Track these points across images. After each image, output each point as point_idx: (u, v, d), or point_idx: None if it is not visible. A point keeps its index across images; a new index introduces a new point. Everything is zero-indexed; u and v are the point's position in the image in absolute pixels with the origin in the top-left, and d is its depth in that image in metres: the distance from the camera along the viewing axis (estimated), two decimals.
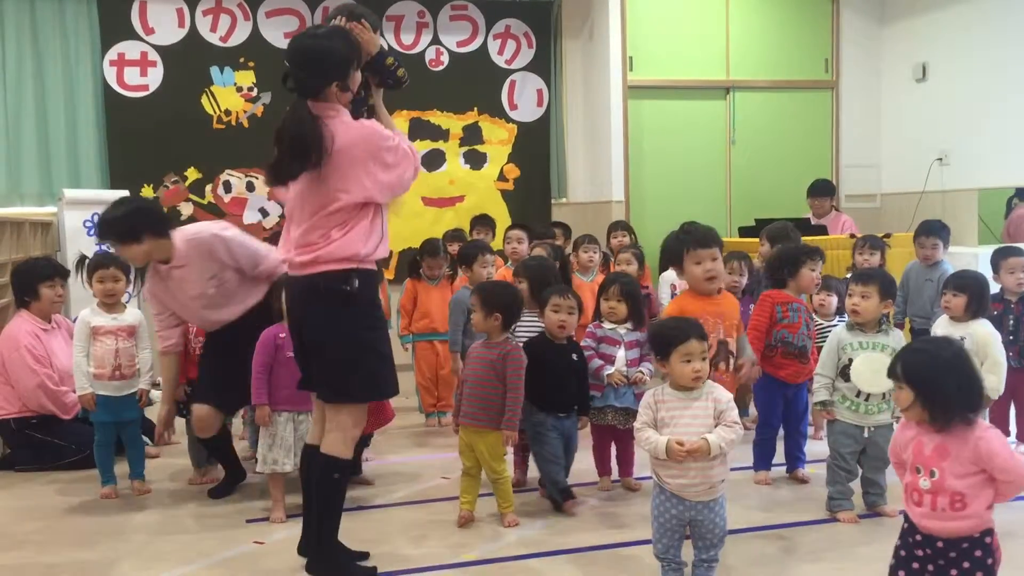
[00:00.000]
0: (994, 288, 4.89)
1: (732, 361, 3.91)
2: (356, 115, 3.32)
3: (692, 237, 3.89)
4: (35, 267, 5.10)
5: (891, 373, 2.52)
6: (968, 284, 4.32)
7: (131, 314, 4.53)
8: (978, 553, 2.44)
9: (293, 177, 3.15)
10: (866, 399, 3.89)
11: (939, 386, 2.42)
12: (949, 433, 2.42)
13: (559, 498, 4.05)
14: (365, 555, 3.52)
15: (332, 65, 3.15)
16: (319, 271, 3.16)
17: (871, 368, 3.84)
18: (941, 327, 4.46)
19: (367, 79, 3.44)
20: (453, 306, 5.31)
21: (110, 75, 7.11)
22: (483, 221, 6.72)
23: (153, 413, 4.99)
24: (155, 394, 4.82)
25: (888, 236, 6.20)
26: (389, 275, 7.07)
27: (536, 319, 4.27)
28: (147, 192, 7.18)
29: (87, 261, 4.60)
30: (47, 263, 5.21)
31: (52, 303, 5.05)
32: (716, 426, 2.97)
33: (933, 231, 5.66)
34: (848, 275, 4.83)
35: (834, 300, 4.99)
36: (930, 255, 5.61)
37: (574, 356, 4.11)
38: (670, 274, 5.82)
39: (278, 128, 3.17)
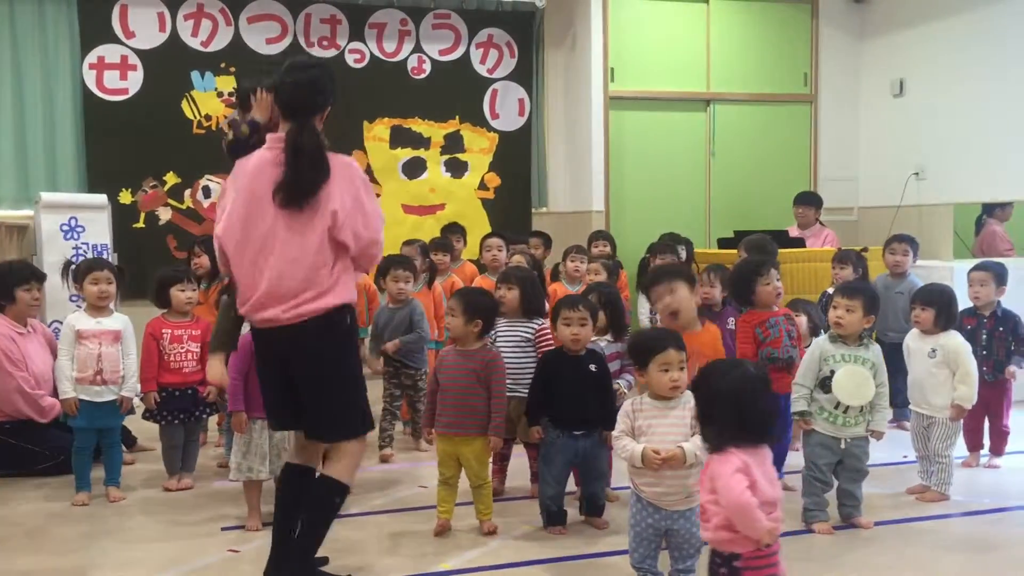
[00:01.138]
0: (968, 303, 4.97)
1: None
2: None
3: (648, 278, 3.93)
4: (11, 270, 5.05)
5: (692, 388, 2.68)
6: (935, 298, 4.40)
7: (117, 319, 4.51)
8: (723, 571, 2.51)
9: (314, 193, 3.06)
10: (844, 411, 3.92)
11: (709, 410, 2.57)
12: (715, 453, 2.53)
13: (544, 519, 3.95)
14: (325, 560, 3.49)
15: (330, 89, 3.24)
16: (320, 309, 3.11)
17: (853, 381, 3.88)
18: (912, 340, 4.52)
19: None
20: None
21: (89, 78, 7.07)
22: (454, 229, 6.69)
23: (133, 422, 4.96)
24: (136, 401, 4.78)
25: (865, 250, 6.25)
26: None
27: (522, 327, 4.27)
28: (125, 197, 7.13)
29: (76, 264, 4.57)
30: (24, 266, 5.16)
31: (28, 307, 5.00)
32: (692, 435, 2.99)
33: (905, 239, 5.75)
34: (830, 290, 4.83)
35: (804, 321, 4.83)
36: (900, 261, 5.67)
37: (592, 367, 3.92)
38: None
39: (293, 145, 3.08)
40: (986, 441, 4.97)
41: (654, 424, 3.02)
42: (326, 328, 3.13)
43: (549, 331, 4.22)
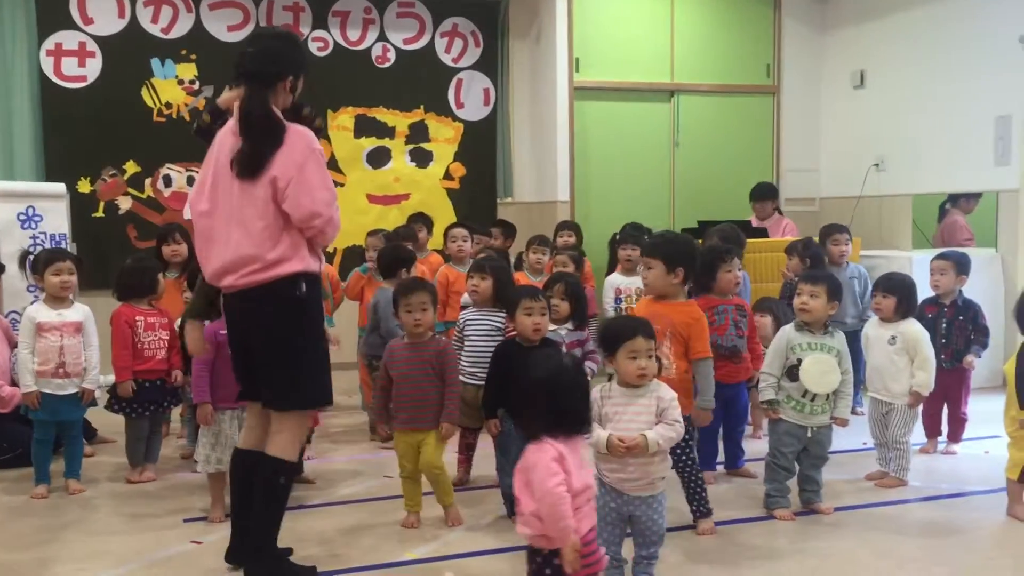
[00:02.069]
0: (930, 292, 5.05)
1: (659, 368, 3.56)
2: None
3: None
4: None
5: None
6: (896, 286, 4.47)
7: (78, 310, 4.44)
8: (547, 572, 2.48)
9: (265, 164, 3.07)
10: (812, 399, 3.96)
11: (524, 400, 2.54)
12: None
13: (507, 508, 3.95)
14: (289, 551, 3.46)
15: (289, 59, 3.23)
16: (269, 278, 3.11)
17: (820, 369, 3.93)
18: (872, 328, 4.60)
19: None
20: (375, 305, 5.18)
21: (47, 65, 6.94)
22: (419, 219, 6.65)
23: (93, 413, 4.89)
24: (98, 392, 4.71)
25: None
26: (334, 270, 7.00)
27: (492, 316, 4.27)
28: (84, 186, 7.02)
29: (35, 255, 4.50)
30: None
31: None
32: (658, 423, 3.01)
33: (845, 228, 5.94)
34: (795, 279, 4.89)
35: (769, 321, 4.92)
36: (844, 251, 5.83)
37: None
38: (614, 278, 5.86)
39: (242, 116, 3.12)
40: (944, 428, 5.06)
41: (620, 411, 3.04)
42: (274, 297, 3.14)
43: None
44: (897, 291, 4.45)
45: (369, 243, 5.83)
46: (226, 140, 3.18)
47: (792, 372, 3.98)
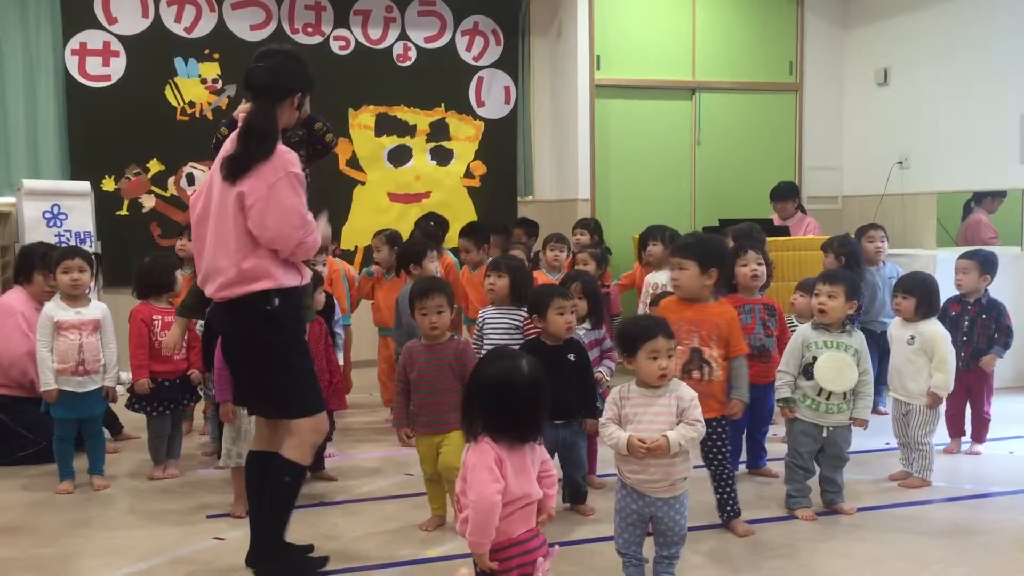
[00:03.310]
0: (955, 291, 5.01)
1: (708, 371, 3.66)
2: None
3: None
4: (45, 253, 5.03)
5: None
6: (916, 286, 4.43)
7: (95, 308, 4.47)
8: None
9: (249, 168, 3.09)
10: (827, 398, 3.94)
11: (472, 398, 2.48)
12: None
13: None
14: (310, 548, 3.50)
15: (297, 76, 3.30)
16: (239, 294, 3.14)
17: (835, 367, 3.91)
18: (894, 328, 4.57)
19: (297, 150, 3.48)
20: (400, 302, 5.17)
21: (72, 65, 7.01)
22: (434, 218, 6.60)
23: (119, 409, 4.94)
24: (121, 389, 4.76)
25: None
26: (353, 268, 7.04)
27: (511, 314, 4.26)
28: (108, 184, 7.09)
29: (50, 254, 4.54)
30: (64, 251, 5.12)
31: (43, 291, 4.99)
32: (678, 424, 3.00)
33: (880, 227, 5.88)
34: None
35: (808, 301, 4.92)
36: (880, 248, 5.78)
37: (571, 356, 3.93)
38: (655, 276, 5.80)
39: (247, 126, 3.17)
40: (968, 428, 5.02)
41: (640, 412, 3.03)
42: (248, 312, 3.16)
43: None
44: (917, 291, 4.41)
45: (375, 244, 5.89)
46: (227, 149, 3.22)
47: (808, 370, 3.96)
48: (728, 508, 3.77)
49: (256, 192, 3.07)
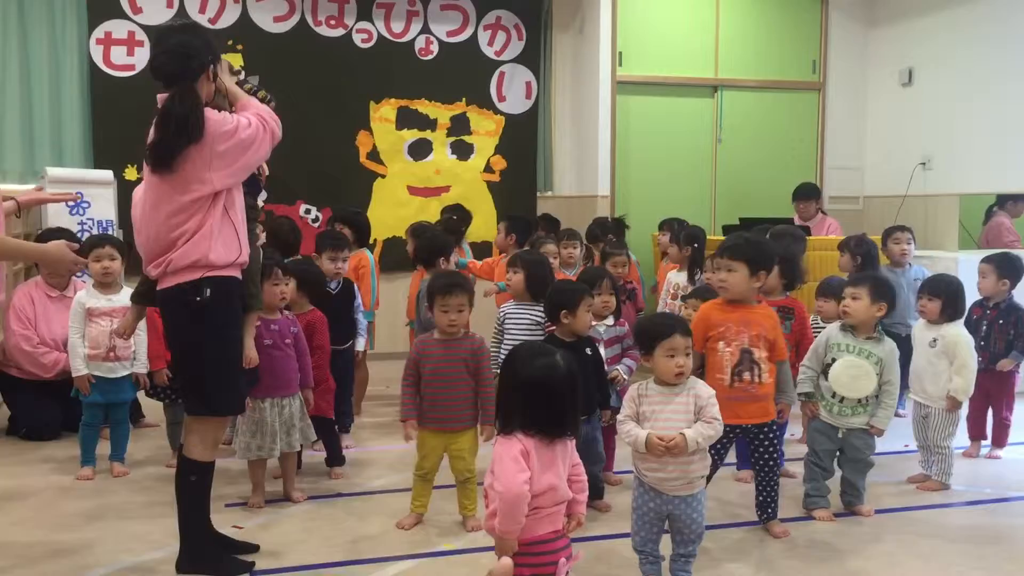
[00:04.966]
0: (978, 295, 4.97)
1: (758, 372, 3.63)
2: None
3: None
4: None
5: None
6: (942, 289, 4.40)
7: (127, 295, 4.50)
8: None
9: (172, 158, 3.05)
10: (840, 401, 3.93)
11: (505, 391, 2.51)
12: None
13: None
14: (255, 548, 3.49)
15: (202, 50, 3.16)
16: (172, 283, 3.12)
17: (849, 373, 3.89)
18: (918, 330, 4.54)
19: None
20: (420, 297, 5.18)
21: (96, 54, 7.05)
22: (456, 210, 6.65)
23: (142, 399, 4.98)
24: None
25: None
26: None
27: (532, 310, 4.24)
28: (131, 173, 7.13)
29: (80, 242, 4.57)
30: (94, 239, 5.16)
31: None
32: (696, 422, 3.00)
33: (907, 228, 5.82)
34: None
35: (833, 305, 4.88)
36: (906, 250, 5.73)
37: (587, 351, 3.92)
38: (674, 275, 5.79)
39: (164, 112, 3.09)
40: (989, 432, 4.98)
41: (658, 410, 3.03)
42: (178, 301, 3.14)
43: None
44: (943, 293, 4.39)
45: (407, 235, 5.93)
46: (151, 136, 3.18)
47: (827, 371, 3.95)
48: (769, 510, 3.77)
49: (220, 173, 3.08)
